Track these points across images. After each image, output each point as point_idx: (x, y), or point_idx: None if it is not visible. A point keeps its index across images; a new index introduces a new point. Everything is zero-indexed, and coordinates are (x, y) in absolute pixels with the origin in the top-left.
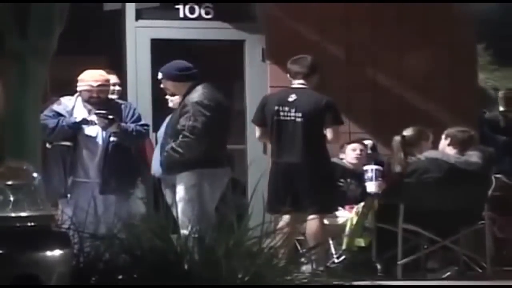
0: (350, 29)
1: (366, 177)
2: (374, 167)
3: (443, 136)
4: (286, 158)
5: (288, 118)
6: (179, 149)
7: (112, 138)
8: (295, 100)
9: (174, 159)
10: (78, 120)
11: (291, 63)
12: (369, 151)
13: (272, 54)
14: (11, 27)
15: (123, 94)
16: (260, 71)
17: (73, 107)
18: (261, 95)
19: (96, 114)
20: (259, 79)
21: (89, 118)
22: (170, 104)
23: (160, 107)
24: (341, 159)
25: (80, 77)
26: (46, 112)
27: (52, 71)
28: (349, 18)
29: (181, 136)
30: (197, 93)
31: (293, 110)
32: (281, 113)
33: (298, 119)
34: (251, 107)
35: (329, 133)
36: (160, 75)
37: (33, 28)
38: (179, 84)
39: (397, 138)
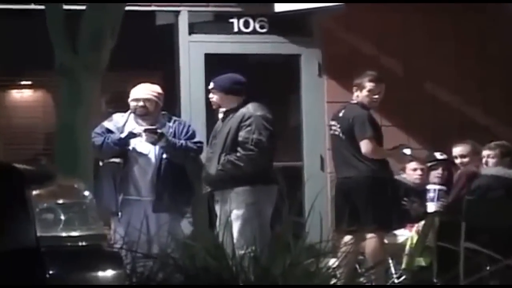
0: (408, 41)
1: (428, 197)
2: (438, 187)
3: (487, 151)
4: (341, 173)
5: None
6: (240, 163)
7: (165, 155)
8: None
9: (231, 173)
10: (123, 135)
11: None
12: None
13: (329, 69)
14: (61, 42)
15: (176, 110)
16: (317, 86)
17: (124, 123)
18: (318, 110)
19: (146, 129)
20: (316, 94)
21: (135, 131)
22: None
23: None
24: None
25: (132, 90)
26: (97, 129)
27: (105, 86)
28: (406, 30)
29: (241, 149)
30: (257, 107)
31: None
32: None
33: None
34: (307, 122)
35: (362, 146)
36: (211, 85)
37: (83, 43)
38: (228, 97)
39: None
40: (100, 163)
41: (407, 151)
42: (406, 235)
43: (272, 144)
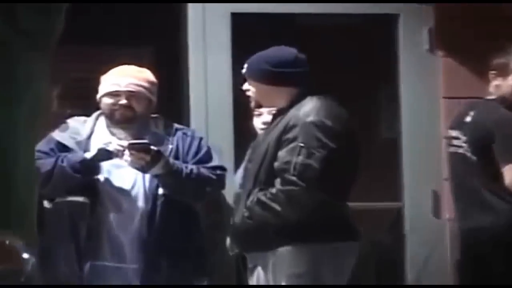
0: None
1: None
2: None
3: None
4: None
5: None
6: (275, 205)
7: (161, 191)
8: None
9: (263, 223)
10: (90, 155)
11: None
12: None
13: (446, 40)
14: None
15: (181, 113)
16: (426, 69)
17: (89, 135)
18: (427, 111)
19: (129, 145)
20: (424, 84)
21: (110, 148)
22: (257, 124)
23: (248, 132)
24: None
25: (104, 77)
26: (41, 144)
27: (58, 71)
28: None
29: (280, 180)
30: (311, 107)
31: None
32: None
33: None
34: (410, 133)
35: (506, 173)
36: (245, 68)
37: (25, 4)
38: (272, 89)
39: None
40: (47, 204)
41: None
42: None
43: (339, 172)
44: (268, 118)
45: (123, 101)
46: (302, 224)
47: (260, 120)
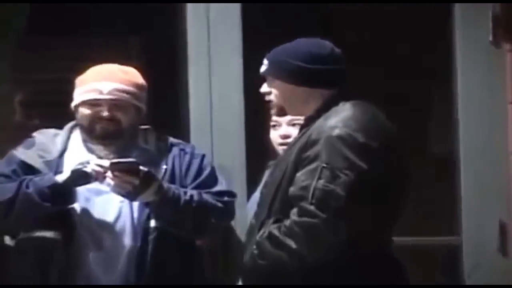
0: None
1: None
2: None
3: None
4: None
5: None
6: (289, 242)
7: (153, 223)
8: None
9: (277, 264)
10: (62, 178)
11: None
12: None
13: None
14: None
15: (178, 125)
16: (490, 66)
17: (62, 152)
18: (492, 118)
19: (112, 164)
20: (487, 85)
21: (87, 169)
22: (274, 137)
23: (265, 148)
24: None
25: (80, 79)
26: (0, 165)
27: (21, 71)
28: None
29: (296, 211)
30: (341, 117)
31: None
32: None
33: None
34: (469, 146)
35: None
36: (264, 66)
37: None
38: (303, 92)
39: None
40: (9, 241)
41: None
42: None
43: (373, 201)
44: (288, 130)
45: (106, 113)
46: (324, 266)
47: (278, 132)
